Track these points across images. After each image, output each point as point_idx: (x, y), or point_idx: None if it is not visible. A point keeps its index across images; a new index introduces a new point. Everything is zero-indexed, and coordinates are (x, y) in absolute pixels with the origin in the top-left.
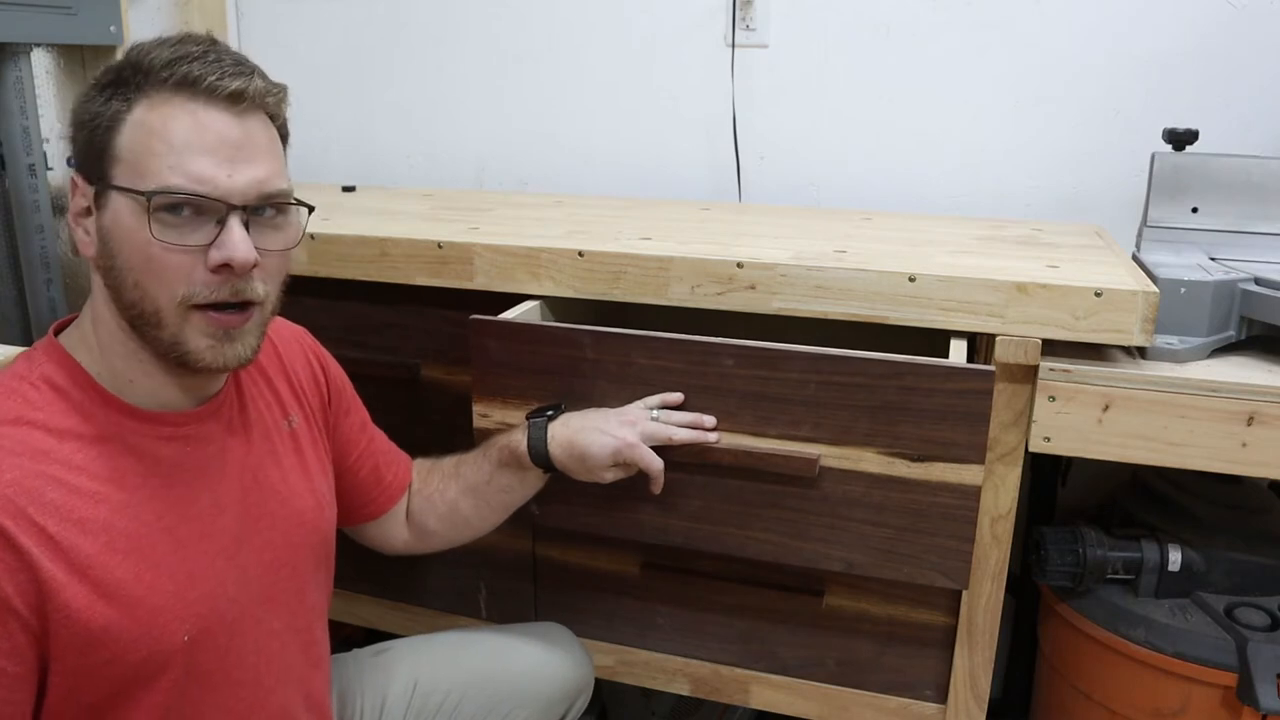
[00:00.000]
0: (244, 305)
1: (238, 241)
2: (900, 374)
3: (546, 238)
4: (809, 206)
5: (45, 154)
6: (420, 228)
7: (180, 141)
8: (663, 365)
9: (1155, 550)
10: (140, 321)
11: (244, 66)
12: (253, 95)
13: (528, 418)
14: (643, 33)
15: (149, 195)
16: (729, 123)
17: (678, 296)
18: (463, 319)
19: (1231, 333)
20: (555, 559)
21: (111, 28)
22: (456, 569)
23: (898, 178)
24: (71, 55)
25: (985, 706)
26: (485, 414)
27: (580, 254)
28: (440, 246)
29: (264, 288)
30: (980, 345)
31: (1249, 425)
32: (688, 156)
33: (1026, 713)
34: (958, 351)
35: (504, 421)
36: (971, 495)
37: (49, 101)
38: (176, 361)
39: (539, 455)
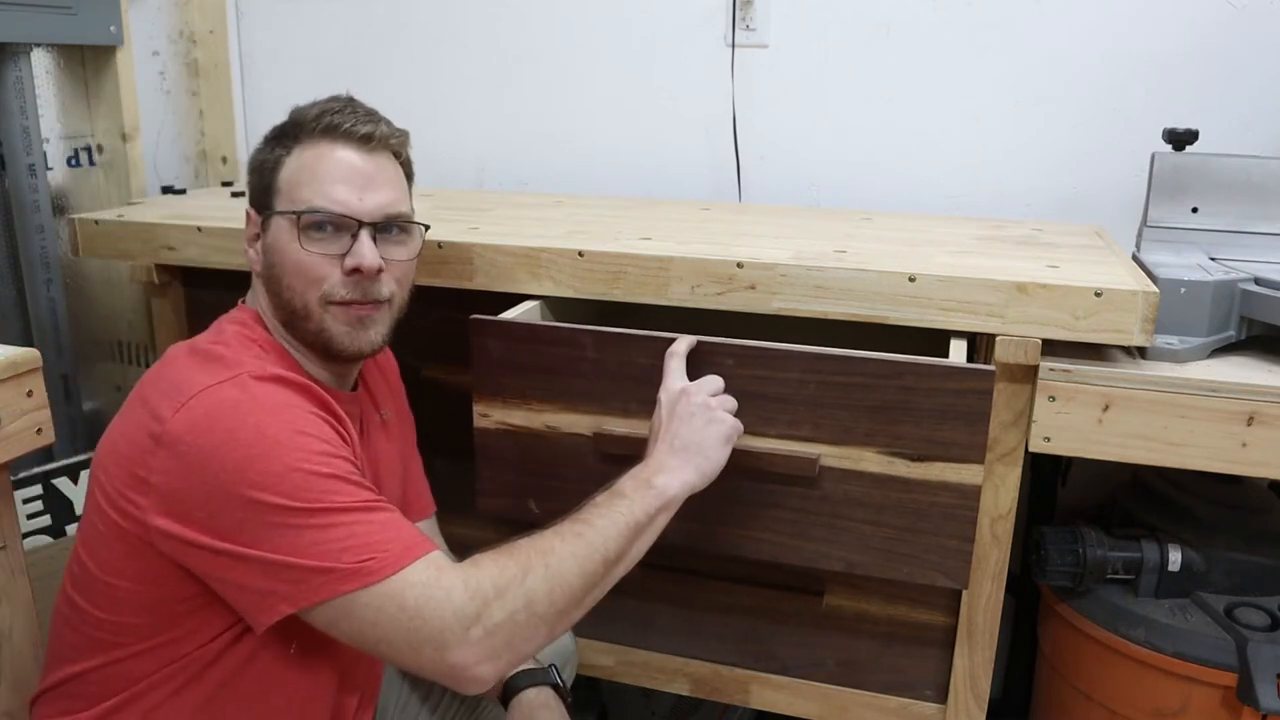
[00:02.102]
0: (374, 302)
1: (366, 251)
2: (900, 374)
3: (546, 238)
4: (809, 206)
5: (45, 154)
6: None
7: (324, 173)
8: (663, 365)
9: (1155, 550)
10: (293, 317)
11: (374, 116)
12: (379, 137)
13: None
14: (643, 33)
15: (299, 213)
16: (729, 123)
17: (678, 296)
18: (463, 319)
19: (1231, 333)
20: None
21: (111, 28)
22: None
23: (898, 178)
24: (71, 55)
25: (985, 706)
26: (485, 414)
27: (580, 254)
28: (440, 246)
29: (389, 289)
30: (980, 345)
31: (1249, 425)
32: (688, 156)
33: (1026, 713)
34: (958, 351)
35: (505, 421)
36: (971, 495)
37: (49, 101)
38: (323, 349)
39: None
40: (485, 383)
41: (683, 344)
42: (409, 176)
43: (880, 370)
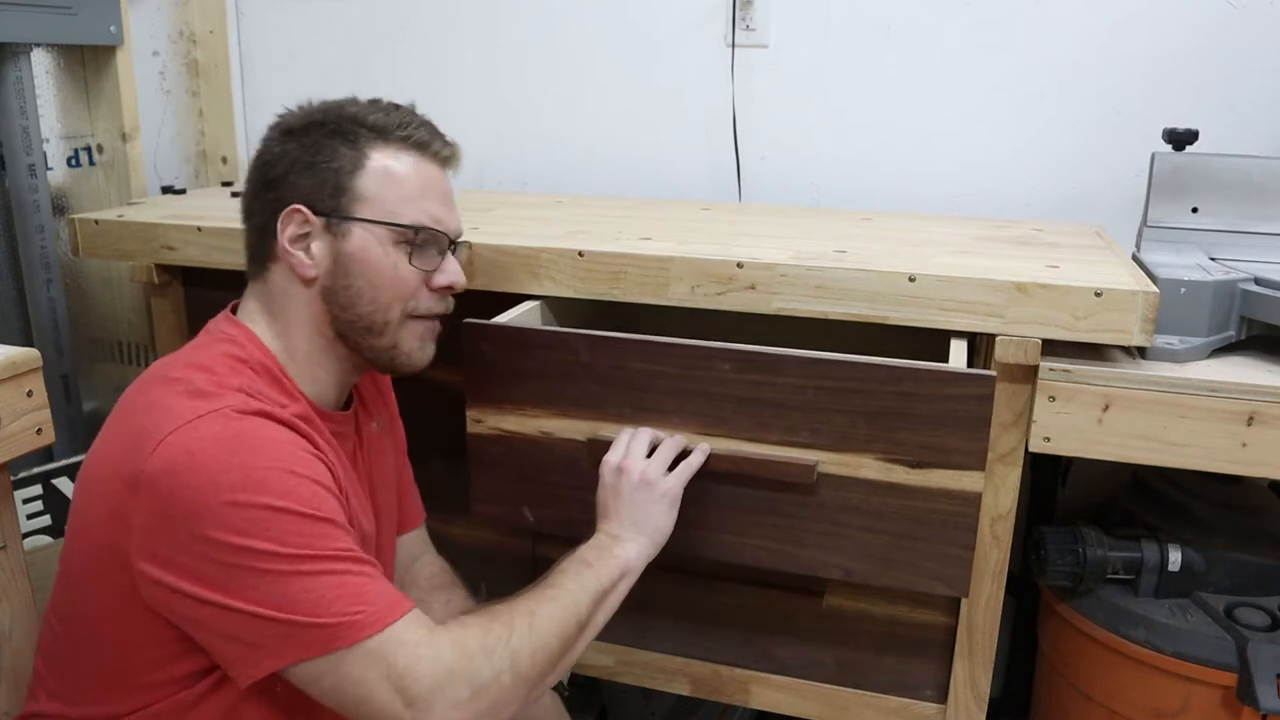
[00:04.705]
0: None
1: (458, 269)
2: (899, 379)
3: (546, 238)
4: (809, 206)
5: (45, 154)
6: None
7: (422, 189)
8: (658, 370)
9: (1155, 550)
10: (364, 331)
11: (446, 134)
12: (457, 158)
13: None
14: (643, 33)
15: (416, 230)
16: (729, 123)
17: (678, 296)
18: (463, 319)
19: (1231, 333)
20: (555, 559)
21: (111, 28)
22: (457, 568)
23: (898, 178)
24: (71, 55)
25: (985, 706)
26: (479, 419)
27: (580, 254)
28: None
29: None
30: (980, 345)
31: (1249, 425)
32: (688, 156)
33: (1026, 713)
34: (958, 351)
35: (498, 427)
36: (972, 502)
37: (49, 101)
38: (385, 364)
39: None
40: (478, 388)
41: (630, 430)
42: None
43: (879, 376)
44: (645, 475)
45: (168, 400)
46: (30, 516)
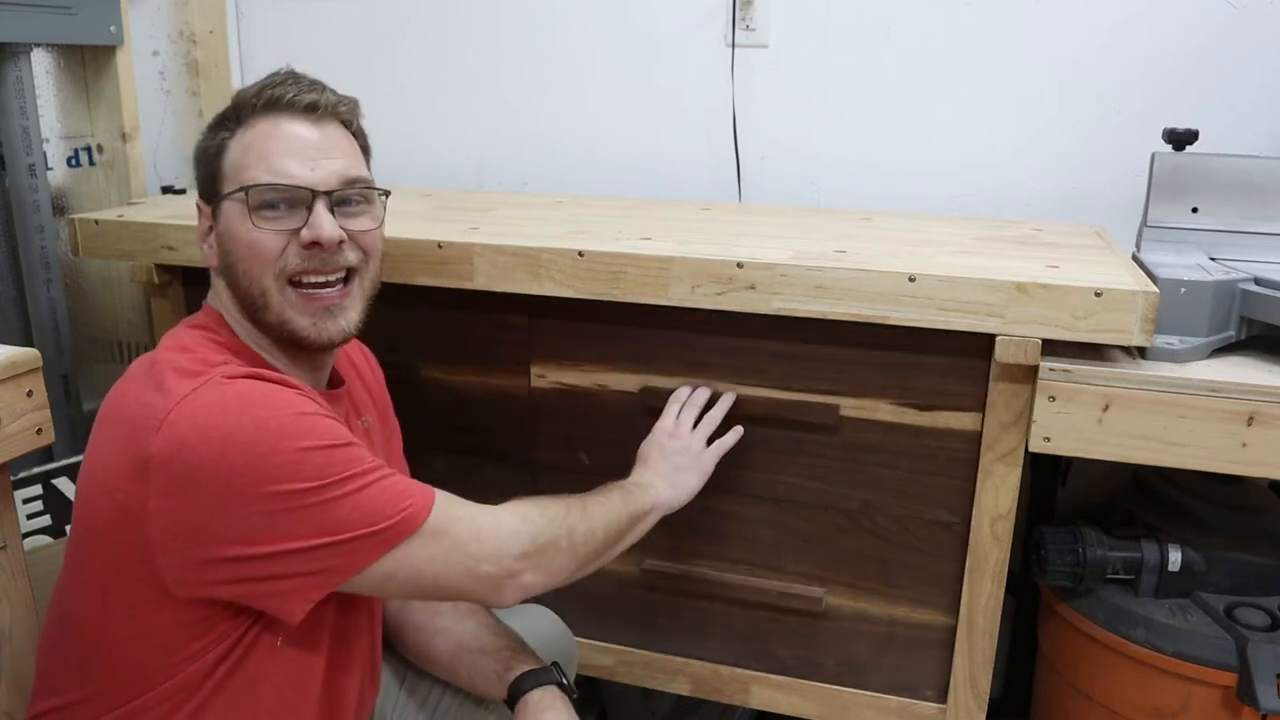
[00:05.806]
0: (342, 280)
1: (324, 221)
2: (909, 334)
3: (546, 238)
4: (809, 206)
5: (45, 154)
6: (420, 227)
7: (270, 148)
8: (702, 330)
9: (1155, 550)
10: (254, 308)
11: (318, 85)
12: (325, 105)
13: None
14: (643, 33)
15: (246, 189)
16: (729, 123)
17: (678, 296)
18: (463, 319)
19: (1231, 333)
20: None
21: (111, 28)
22: None
23: (898, 178)
24: (71, 55)
25: (985, 706)
26: (542, 374)
27: (580, 254)
28: (440, 246)
29: (356, 257)
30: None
31: (1249, 425)
32: (688, 156)
33: (1026, 713)
34: None
35: (560, 381)
36: (972, 439)
37: (49, 101)
38: (289, 341)
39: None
40: (542, 347)
41: (684, 392)
42: (364, 149)
43: (891, 332)
44: (690, 445)
45: (158, 383)
46: (30, 516)
